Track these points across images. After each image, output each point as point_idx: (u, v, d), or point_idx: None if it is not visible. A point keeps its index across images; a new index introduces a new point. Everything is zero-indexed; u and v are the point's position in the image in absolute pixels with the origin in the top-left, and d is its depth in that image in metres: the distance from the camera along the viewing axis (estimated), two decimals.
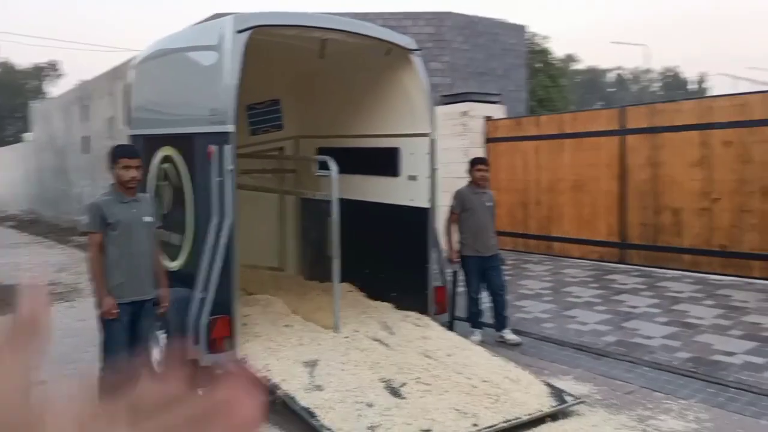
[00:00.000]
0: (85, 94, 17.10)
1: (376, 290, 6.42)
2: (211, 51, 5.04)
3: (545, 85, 16.91)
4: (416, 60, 5.82)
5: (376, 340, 5.36)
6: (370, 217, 6.49)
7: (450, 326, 6.06)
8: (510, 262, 10.22)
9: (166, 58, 5.93)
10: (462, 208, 6.31)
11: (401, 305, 6.10)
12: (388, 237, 6.32)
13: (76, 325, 7.37)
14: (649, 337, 6.21)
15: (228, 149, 4.81)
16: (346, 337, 5.34)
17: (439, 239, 5.99)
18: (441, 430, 4.01)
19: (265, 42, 5.99)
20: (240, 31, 4.82)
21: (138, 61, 6.46)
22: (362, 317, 5.87)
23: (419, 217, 5.95)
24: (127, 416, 0.52)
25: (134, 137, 6.46)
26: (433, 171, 5.83)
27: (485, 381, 4.72)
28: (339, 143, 6.84)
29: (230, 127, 4.78)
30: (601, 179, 9.93)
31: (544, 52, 17.43)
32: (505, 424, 4.15)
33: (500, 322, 6.33)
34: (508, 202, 11.34)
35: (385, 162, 6.24)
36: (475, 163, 6.39)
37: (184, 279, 5.18)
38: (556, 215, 10.63)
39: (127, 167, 4.22)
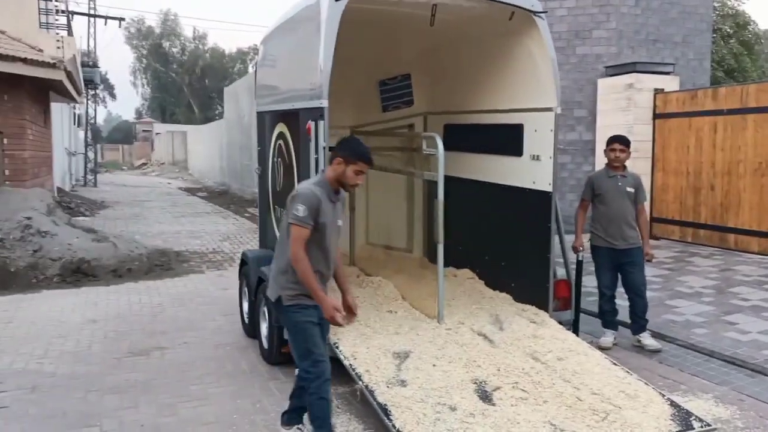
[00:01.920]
0: None
1: (496, 279, 5.92)
2: (311, 22, 4.84)
3: (737, 53, 14.77)
4: (542, 24, 5.18)
5: (480, 334, 4.90)
6: (493, 200, 5.99)
7: (574, 325, 5.42)
8: (673, 254, 9.09)
9: (278, 33, 5.86)
10: (593, 194, 5.59)
11: (521, 298, 5.56)
12: (510, 222, 5.77)
13: (216, 294, 7.75)
14: None
15: (322, 125, 4.60)
16: (449, 329, 4.94)
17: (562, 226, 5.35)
18: None
19: (395, 13, 5.69)
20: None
21: (263, 38, 6.48)
22: (473, 308, 5.43)
23: (542, 202, 5.34)
24: None
25: (259, 114, 6.54)
26: (556, 150, 5.17)
27: (595, 393, 4.10)
28: (463, 119, 6.39)
29: (324, 102, 4.56)
30: None
31: (736, 16, 15.20)
32: None
33: (637, 325, 5.55)
34: (676, 187, 10.09)
35: (508, 140, 5.68)
36: (609, 142, 5.60)
37: None
38: (734, 203, 9.21)
39: (359, 173, 3.69)
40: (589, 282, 6.06)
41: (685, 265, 8.48)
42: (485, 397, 4.04)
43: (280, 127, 5.72)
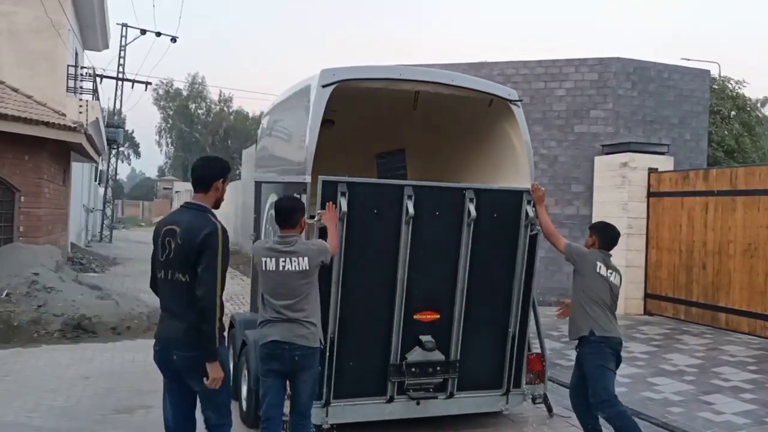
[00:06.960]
0: None
1: None
2: (301, 104, 5.22)
3: (737, 134, 15.11)
4: (518, 111, 5.52)
5: None
6: None
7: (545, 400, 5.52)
8: (664, 330, 9.17)
9: (276, 110, 6.27)
10: None
11: None
12: None
13: None
14: None
15: (305, 199, 4.90)
16: None
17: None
18: None
19: (391, 92, 6.05)
20: (325, 86, 4.92)
21: (266, 112, 6.91)
22: None
23: None
24: None
25: (257, 183, 6.91)
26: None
27: None
28: None
29: (307, 178, 4.88)
30: None
31: (736, 98, 15.60)
32: None
33: None
34: (669, 264, 10.23)
35: None
36: None
37: None
38: (724, 282, 9.32)
39: None
40: None
41: (673, 342, 8.54)
42: None
43: (273, 197, 6.05)
